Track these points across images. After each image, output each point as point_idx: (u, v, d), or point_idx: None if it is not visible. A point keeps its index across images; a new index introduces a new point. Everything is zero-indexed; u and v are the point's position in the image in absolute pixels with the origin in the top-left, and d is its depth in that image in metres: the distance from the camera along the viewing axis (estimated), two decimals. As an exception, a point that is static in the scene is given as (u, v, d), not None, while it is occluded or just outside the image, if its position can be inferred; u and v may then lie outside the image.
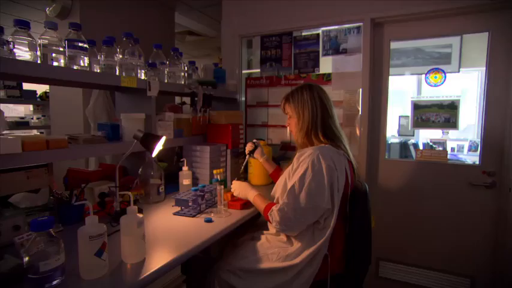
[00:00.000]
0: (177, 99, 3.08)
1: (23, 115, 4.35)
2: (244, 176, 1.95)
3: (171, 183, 1.76)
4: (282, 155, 2.33)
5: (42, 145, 1.15)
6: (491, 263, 1.90)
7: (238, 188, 1.47)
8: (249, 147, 1.74)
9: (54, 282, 0.79)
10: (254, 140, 1.78)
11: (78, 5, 2.67)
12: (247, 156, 1.73)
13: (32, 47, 1.21)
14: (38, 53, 1.23)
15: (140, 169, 1.59)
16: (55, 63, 1.28)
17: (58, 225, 1.19)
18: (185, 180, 1.71)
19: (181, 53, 1.96)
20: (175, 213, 1.40)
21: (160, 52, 1.82)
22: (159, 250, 1.03)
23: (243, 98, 2.55)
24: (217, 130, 1.99)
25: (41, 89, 4.15)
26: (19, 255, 0.93)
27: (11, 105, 4.51)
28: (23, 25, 1.18)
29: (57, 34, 1.33)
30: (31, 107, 4.55)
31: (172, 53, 1.89)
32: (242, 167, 1.80)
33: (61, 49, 1.33)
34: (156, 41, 1.86)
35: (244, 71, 2.57)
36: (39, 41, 1.26)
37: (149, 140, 1.33)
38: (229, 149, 1.94)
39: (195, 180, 1.82)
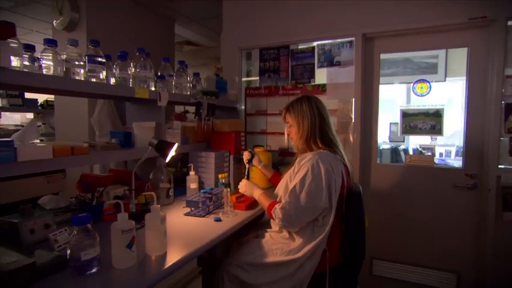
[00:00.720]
0: (177, 108, 3.20)
1: (19, 123, 4.42)
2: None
3: (177, 187, 1.88)
4: (280, 160, 2.46)
5: (68, 151, 1.26)
6: (474, 259, 2.05)
7: (245, 186, 1.60)
8: (246, 156, 1.85)
9: (93, 270, 0.91)
10: (249, 150, 1.90)
11: (84, 18, 2.79)
12: (247, 166, 1.85)
13: (57, 62, 1.33)
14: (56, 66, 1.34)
15: (151, 174, 1.70)
16: (77, 77, 1.40)
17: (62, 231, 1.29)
18: (192, 184, 1.83)
19: (186, 65, 2.10)
20: (186, 214, 1.52)
21: (168, 65, 1.96)
22: (177, 245, 1.15)
23: (243, 107, 2.69)
24: (220, 137, 2.12)
25: (42, 97, 4.24)
26: (53, 249, 1.04)
27: (7, 113, 4.57)
28: (51, 43, 1.31)
29: (77, 50, 1.45)
30: (27, 115, 4.63)
31: (179, 65, 2.03)
32: (245, 176, 1.88)
33: (81, 63, 1.45)
34: (157, 51, 2.00)
35: (243, 79, 2.72)
36: (63, 57, 1.38)
37: (163, 146, 1.45)
38: (232, 155, 2.07)
39: (200, 184, 1.94)
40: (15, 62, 1.09)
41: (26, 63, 1.24)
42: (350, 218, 1.43)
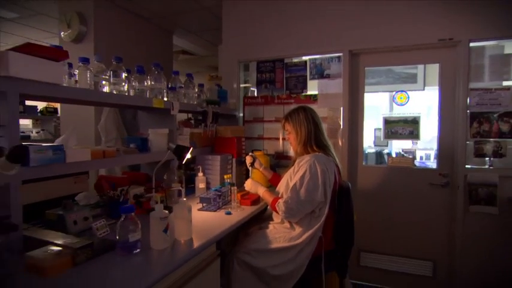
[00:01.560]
0: (179, 116, 3.40)
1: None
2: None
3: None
4: (277, 162, 2.71)
5: (100, 155, 1.47)
6: (447, 247, 2.35)
7: (250, 185, 1.84)
8: (249, 160, 2.08)
9: (137, 250, 1.12)
10: (251, 154, 2.14)
11: (92, 31, 2.99)
12: (250, 168, 2.08)
13: (89, 77, 1.53)
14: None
15: (165, 175, 1.91)
16: (104, 89, 1.61)
17: (109, 218, 1.50)
18: (201, 184, 2.05)
19: (192, 77, 2.32)
20: (199, 209, 1.74)
21: (177, 77, 2.18)
22: (198, 233, 1.37)
23: (241, 114, 2.93)
24: (223, 142, 2.35)
25: (41, 104, 4.36)
26: (96, 236, 1.24)
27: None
28: (85, 61, 1.51)
29: (103, 65, 1.66)
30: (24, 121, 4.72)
31: (186, 78, 2.25)
32: (250, 176, 2.11)
33: (106, 77, 1.66)
34: (156, 61, 2.16)
35: (242, 85, 2.97)
36: (92, 72, 1.58)
37: (180, 150, 1.67)
38: (235, 158, 2.30)
39: (207, 184, 2.16)
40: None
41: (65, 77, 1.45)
42: (341, 210, 1.68)
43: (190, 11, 3.35)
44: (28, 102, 4.07)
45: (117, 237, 1.10)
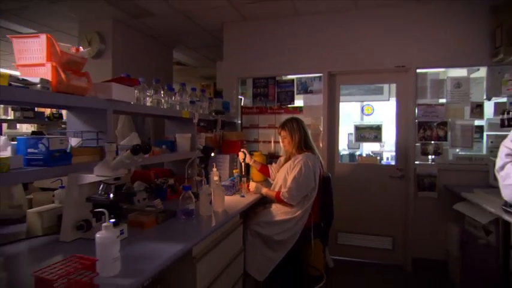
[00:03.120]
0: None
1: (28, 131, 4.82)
2: (246, 176, 2.86)
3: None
4: (269, 161, 3.31)
5: (157, 152, 2.00)
6: (403, 226, 3.04)
7: (254, 186, 2.40)
8: (241, 156, 2.66)
9: (193, 216, 1.68)
10: (242, 150, 2.71)
11: (110, 49, 3.46)
12: (243, 163, 2.66)
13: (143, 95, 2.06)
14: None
15: (189, 170, 2.45)
16: (147, 104, 2.14)
17: (157, 200, 2.02)
18: (215, 177, 2.59)
19: (204, 91, 2.88)
20: (219, 194, 2.29)
21: (194, 93, 2.73)
22: (227, 207, 1.92)
23: (239, 121, 3.51)
24: (230, 144, 2.92)
25: (48, 110, 4.69)
26: (157, 208, 1.77)
27: (5, 124, 4.93)
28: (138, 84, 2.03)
29: (145, 85, 2.18)
30: (25, 126, 5.04)
31: (201, 92, 2.81)
32: (243, 171, 2.70)
33: (148, 93, 2.18)
34: (158, 75, 2.61)
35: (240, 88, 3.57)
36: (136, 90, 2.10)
37: (207, 150, 2.23)
38: (238, 157, 2.87)
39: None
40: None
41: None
42: (324, 194, 2.31)
43: (193, 32, 3.89)
44: (37, 109, 4.41)
45: (179, 207, 1.65)
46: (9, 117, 4.13)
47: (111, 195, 1.33)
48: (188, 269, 1.37)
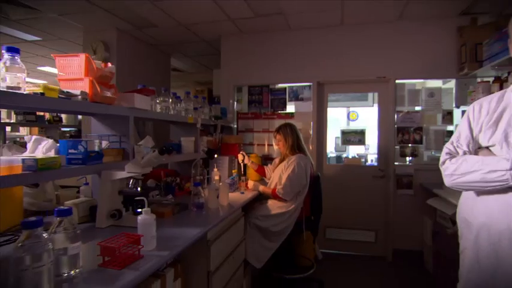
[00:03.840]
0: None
1: (28, 134, 4.94)
2: (244, 175, 3.14)
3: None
4: (264, 163, 3.59)
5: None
6: (385, 221, 3.38)
7: (253, 185, 2.68)
8: (240, 157, 2.95)
9: (203, 208, 1.94)
10: (241, 152, 2.99)
11: (115, 56, 3.69)
12: (241, 164, 2.94)
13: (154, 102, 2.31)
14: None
15: (193, 170, 2.71)
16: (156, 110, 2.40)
17: (169, 195, 2.26)
18: (216, 176, 2.86)
19: (204, 98, 3.14)
20: (221, 191, 2.56)
21: (197, 100, 2.99)
22: (230, 202, 2.20)
23: (235, 126, 3.79)
24: (228, 147, 3.19)
25: (47, 114, 4.85)
26: (170, 202, 2.03)
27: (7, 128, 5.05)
28: (150, 93, 2.29)
29: (155, 94, 2.43)
30: (24, 129, 5.17)
31: (202, 100, 3.08)
32: (242, 171, 2.98)
33: (158, 101, 2.44)
34: (156, 81, 2.91)
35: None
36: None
37: (210, 152, 2.50)
38: (237, 159, 3.14)
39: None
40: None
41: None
42: (314, 191, 2.61)
43: (192, 41, 4.16)
44: (38, 113, 4.57)
45: (191, 200, 1.91)
46: (12, 121, 4.28)
47: (139, 189, 1.58)
48: (204, 250, 1.64)
